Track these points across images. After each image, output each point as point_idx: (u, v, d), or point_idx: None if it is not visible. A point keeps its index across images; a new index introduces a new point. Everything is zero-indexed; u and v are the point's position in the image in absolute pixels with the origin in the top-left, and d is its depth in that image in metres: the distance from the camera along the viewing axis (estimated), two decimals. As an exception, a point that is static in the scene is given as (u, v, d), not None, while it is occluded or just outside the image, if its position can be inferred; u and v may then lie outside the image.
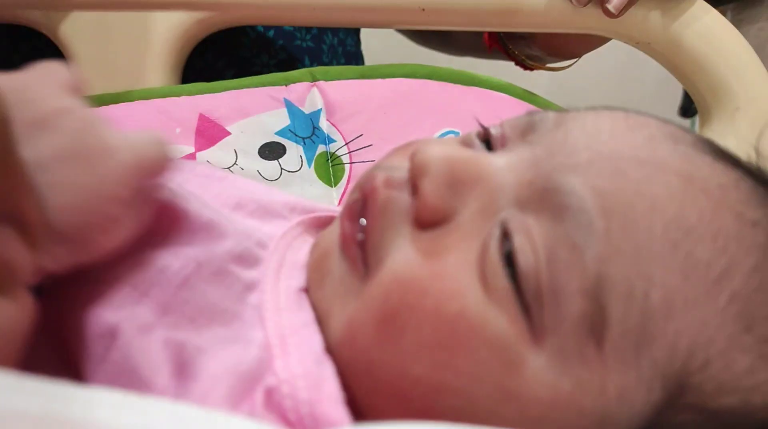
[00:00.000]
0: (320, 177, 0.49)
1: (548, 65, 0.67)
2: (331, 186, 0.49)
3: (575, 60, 0.65)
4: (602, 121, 0.26)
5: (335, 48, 0.69)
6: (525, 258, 0.22)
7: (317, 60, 0.67)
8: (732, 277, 0.22)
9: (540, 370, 0.22)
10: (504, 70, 0.67)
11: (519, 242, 0.23)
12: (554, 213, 0.23)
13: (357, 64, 0.73)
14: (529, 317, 0.22)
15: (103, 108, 0.47)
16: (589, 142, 0.24)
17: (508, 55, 0.66)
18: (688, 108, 1.09)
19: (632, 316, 0.21)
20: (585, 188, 0.23)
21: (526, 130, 0.27)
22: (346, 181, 0.49)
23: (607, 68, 1.45)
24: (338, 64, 0.69)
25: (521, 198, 0.24)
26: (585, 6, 0.46)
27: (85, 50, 0.48)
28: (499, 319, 0.22)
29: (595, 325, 0.21)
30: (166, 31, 0.49)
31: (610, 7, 0.44)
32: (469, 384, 0.22)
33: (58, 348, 0.23)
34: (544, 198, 0.23)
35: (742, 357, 0.22)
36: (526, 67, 0.67)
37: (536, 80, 0.70)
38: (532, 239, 0.23)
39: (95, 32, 0.48)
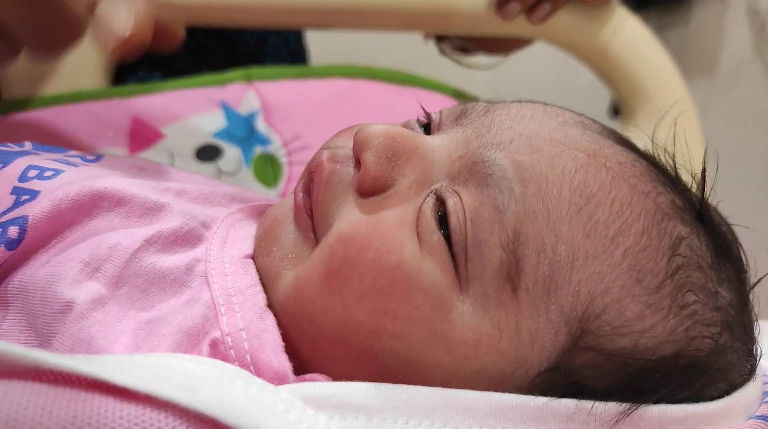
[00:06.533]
0: (258, 178, 0.49)
1: (476, 64, 0.70)
2: (270, 186, 0.49)
3: (503, 59, 0.69)
4: (524, 109, 0.29)
5: (280, 48, 0.69)
6: (456, 217, 0.25)
7: (261, 64, 0.66)
8: (625, 237, 0.25)
9: (465, 315, 0.25)
10: (443, 70, 0.68)
11: (451, 204, 0.26)
12: (480, 181, 0.26)
13: (302, 61, 0.73)
14: (457, 268, 0.25)
15: (34, 111, 0.46)
16: (512, 124, 0.28)
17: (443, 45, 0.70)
18: (616, 109, 1.15)
19: (542, 266, 0.24)
20: (506, 160, 0.26)
21: (460, 116, 0.30)
22: (285, 182, 0.49)
23: (543, 71, 1.49)
24: (284, 63, 0.69)
25: (452, 171, 0.27)
26: (512, 19, 0.50)
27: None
28: (432, 269, 0.25)
29: (512, 274, 0.24)
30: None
31: (533, 17, 0.50)
32: (405, 327, 0.24)
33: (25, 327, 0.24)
34: (472, 170, 0.27)
35: (633, 305, 0.25)
36: (463, 51, 0.70)
37: (475, 81, 0.73)
38: (460, 202, 0.26)
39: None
